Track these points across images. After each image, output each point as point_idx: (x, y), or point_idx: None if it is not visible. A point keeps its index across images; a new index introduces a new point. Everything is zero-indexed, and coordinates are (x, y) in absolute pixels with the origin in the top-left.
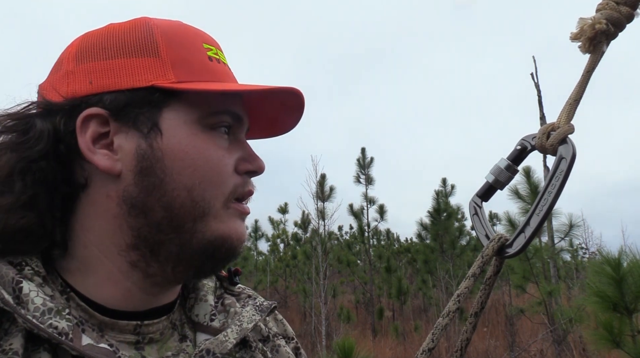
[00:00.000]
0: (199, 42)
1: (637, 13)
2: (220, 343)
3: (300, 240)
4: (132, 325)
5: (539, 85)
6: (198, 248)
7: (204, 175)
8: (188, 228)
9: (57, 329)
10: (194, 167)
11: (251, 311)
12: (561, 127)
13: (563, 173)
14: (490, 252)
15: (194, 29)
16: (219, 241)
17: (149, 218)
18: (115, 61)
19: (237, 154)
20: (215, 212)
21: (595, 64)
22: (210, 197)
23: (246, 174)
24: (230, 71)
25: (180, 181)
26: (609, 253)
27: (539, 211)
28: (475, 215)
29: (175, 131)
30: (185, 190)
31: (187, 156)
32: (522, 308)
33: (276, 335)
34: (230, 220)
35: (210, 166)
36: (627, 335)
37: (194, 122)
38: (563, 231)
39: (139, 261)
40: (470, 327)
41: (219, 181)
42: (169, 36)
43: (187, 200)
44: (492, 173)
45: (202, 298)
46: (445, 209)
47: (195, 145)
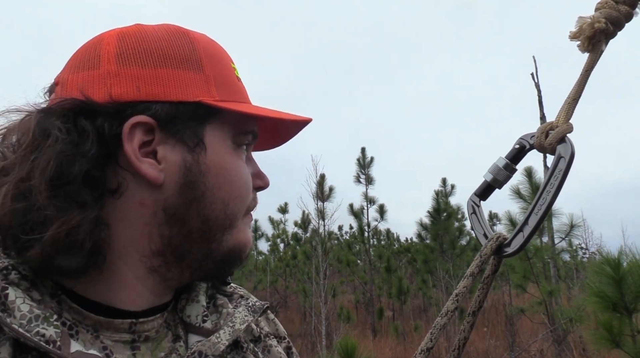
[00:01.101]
0: (229, 61)
1: (636, 12)
2: (212, 345)
3: (300, 239)
4: (127, 324)
5: (539, 85)
6: (219, 255)
7: (238, 190)
8: (217, 238)
9: (44, 337)
10: (230, 183)
11: (244, 312)
12: (560, 126)
13: (562, 172)
14: (488, 251)
15: (221, 46)
16: (237, 248)
17: (185, 228)
18: (162, 70)
19: (252, 171)
20: (237, 223)
21: (594, 63)
22: (239, 210)
23: (256, 189)
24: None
25: (219, 195)
26: (608, 253)
27: (538, 211)
28: (473, 214)
29: (216, 147)
30: (222, 204)
31: (226, 172)
32: (522, 308)
33: (268, 335)
34: (245, 229)
35: (242, 182)
36: (626, 335)
37: (230, 140)
38: (563, 231)
39: (160, 267)
40: (468, 326)
41: (246, 196)
42: (208, 51)
43: (222, 213)
44: (491, 171)
45: (193, 299)
46: (445, 209)
47: (232, 162)
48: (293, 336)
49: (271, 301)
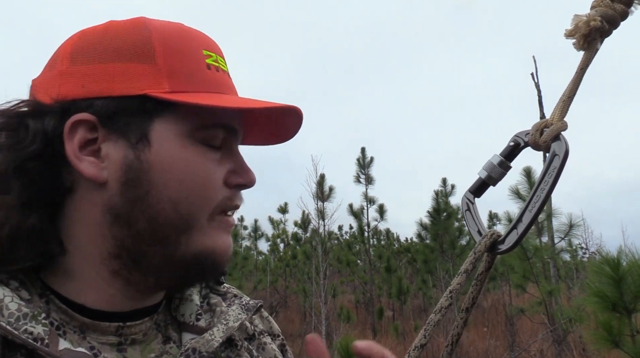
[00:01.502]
0: (199, 48)
1: (631, 11)
2: (206, 342)
3: (300, 239)
4: (114, 327)
5: (539, 85)
6: (181, 261)
7: (190, 189)
8: (172, 241)
9: (32, 335)
10: (180, 181)
11: (237, 310)
12: (554, 124)
13: (556, 169)
14: (482, 248)
15: (196, 32)
16: (203, 255)
17: (133, 229)
18: (110, 65)
19: (228, 167)
20: (200, 226)
21: (589, 61)
22: (196, 211)
23: (236, 188)
24: (229, 78)
25: (166, 194)
26: (608, 253)
27: (532, 208)
28: (467, 211)
29: (164, 143)
30: (171, 203)
31: (174, 169)
32: (522, 308)
33: (262, 333)
34: (215, 234)
35: (197, 180)
36: (626, 335)
37: (185, 135)
38: (563, 231)
39: (121, 270)
40: (461, 322)
41: (206, 195)
42: (167, 41)
43: (172, 213)
44: (485, 168)
45: (187, 298)
46: (445, 209)
47: (183, 158)
48: (293, 336)
49: (271, 301)
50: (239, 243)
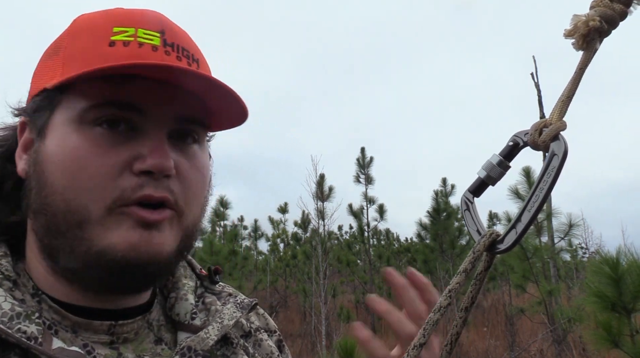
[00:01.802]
0: (107, 28)
1: (630, 11)
2: (201, 341)
3: (300, 239)
4: (106, 325)
5: (539, 85)
6: (88, 258)
7: (75, 178)
8: (73, 235)
9: (25, 333)
10: (64, 170)
11: (232, 309)
12: (553, 124)
13: (555, 169)
14: (481, 248)
15: (117, 13)
16: (107, 252)
17: (39, 222)
18: (45, 63)
19: (132, 152)
20: (97, 219)
21: (588, 61)
22: (87, 202)
23: (144, 175)
24: (154, 50)
25: (57, 184)
26: (607, 253)
27: (531, 208)
28: (466, 210)
29: (55, 132)
30: (59, 194)
31: (58, 158)
32: (522, 308)
33: (258, 329)
34: (119, 228)
35: (79, 168)
36: (625, 335)
37: (73, 120)
38: (563, 231)
39: (54, 267)
40: (460, 322)
41: (94, 185)
42: (75, 30)
43: (62, 205)
44: (484, 168)
45: (182, 298)
46: (445, 209)
47: (67, 146)
48: (293, 336)
49: (271, 301)
50: (239, 243)
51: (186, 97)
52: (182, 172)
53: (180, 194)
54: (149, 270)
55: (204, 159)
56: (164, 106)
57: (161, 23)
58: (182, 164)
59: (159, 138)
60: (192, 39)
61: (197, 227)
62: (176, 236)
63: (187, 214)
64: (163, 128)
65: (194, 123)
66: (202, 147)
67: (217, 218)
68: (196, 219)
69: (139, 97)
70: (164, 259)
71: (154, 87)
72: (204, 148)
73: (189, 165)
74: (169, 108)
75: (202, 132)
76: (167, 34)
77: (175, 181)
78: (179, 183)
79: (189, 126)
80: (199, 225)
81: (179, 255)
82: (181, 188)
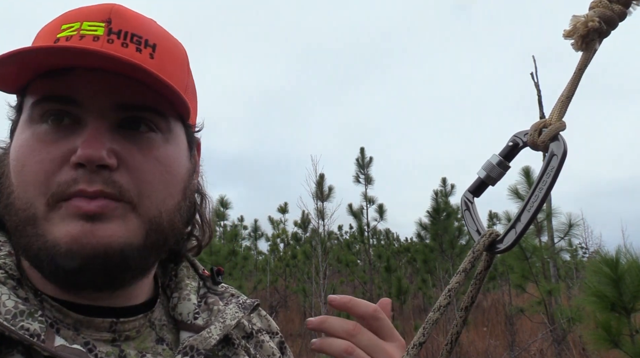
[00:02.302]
0: (55, 27)
1: (629, 11)
2: (203, 340)
3: (300, 239)
4: (108, 323)
5: (539, 85)
6: (42, 254)
7: (21, 175)
8: (27, 233)
9: (28, 331)
10: (14, 168)
11: (234, 309)
12: (553, 124)
13: (554, 169)
14: (481, 247)
15: (69, 11)
16: (53, 245)
17: (9, 222)
18: None
19: (70, 145)
20: (42, 214)
21: (588, 62)
22: (33, 198)
23: (80, 168)
24: (95, 41)
25: (13, 183)
26: (607, 253)
27: (530, 208)
28: (466, 210)
29: (16, 133)
30: (14, 193)
31: (12, 158)
32: (522, 307)
33: (260, 331)
34: (60, 222)
35: (24, 164)
36: (625, 335)
37: (25, 120)
38: (562, 230)
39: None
40: (460, 321)
41: (35, 180)
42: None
43: (17, 202)
44: (484, 168)
45: (185, 298)
46: (445, 209)
47: (17, 145)
48: (293, 336)
49: (271, 301)
50: (239, 243)
51: (129, 84)
52: (131, 163)
53: (127, 186)
54: (98, 262)
55: (167, 150)
56: (101, 96)
57: (109, 12)
58: (131, 155)
59: (94, 128)
60: (153, 25)
61: (169, 220)
62: (136, 229)
63: (146, 205)
64: (103, 118)
65: (143, 110)
66: (168, 137)
67: (217, 218)
68: (165, 211)
69: (75, 89)
70: (115, 252)
71: (91, 76)
72: (170, 139)
73: (142, 156)
74: (107, 97)
75: (162, 120)
76: (114, 23)
77: (121, 173)
78: (127, 174)
79: (138, 114)
80: (174, 219)
81: (148, 249)
82: (130, 179)
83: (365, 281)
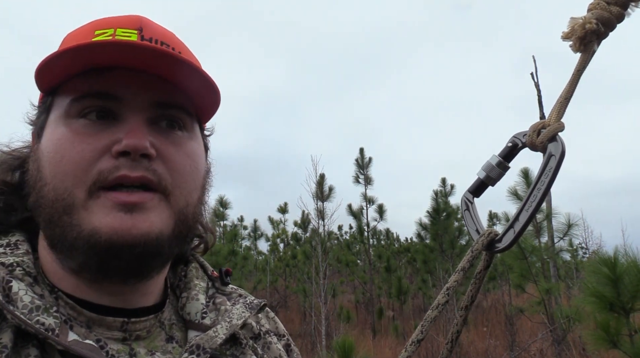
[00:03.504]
0: (88, 32)
1: (627, 13)
2: (210, 339)
3: (300, 239)
4: (119, 322)
5: (539, 85)
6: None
7: (58, 165)
8: (63, 223)
9: (44, 325)
10: (50, 160)
11: (241, 309)
12: (551, 125)
13: (552, 170)
14: (479, 247)
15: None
16: (91, 235)
17: (40, 215)
18: None
19: (112, 137)
20: (81, 203)
21: (586, 63)
22: (72, 187)
23: (122, 157)
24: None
25: (46, 176)
26: (605, 253)
27: (528, 207)
28: (466, 210)
29: (47, 130)
30: (49, 184)
31: (47, 151)
32: (522, 307)
33: (267, 332)
34: (100, 211)
35: (63, 155)
36: (624, 335)
37: (60, 116)
38: (562, 230)
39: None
40: (460, 320)
41: (76, 169)
42: (66, 39)
43: (52, 194)
44: (484, 169)
45: (193, 298)
46: (445, 209)
47: (53, 138)
48: (293, 336)
49: (271, 301)
50: (239, 243)
51: (163, 83)
52: (166, 155)
53: (164, 174)
54: (136, 251)
55: (194, 146)
56: (140, 93)
57: (139, 22)
58: (166, 147)
59: (135, 121)
60: (175, 36)
61: (193, 213)
62: (167, 219)
63: (177, 196)
64: (141, 113)
65: (175, 108)
66: (192, 135)
67: (217, 218)
68: (190, 204)
69: (115, 86)
70: (152, 241)
71: (131, 75)
72: (194, 137)
73: (175, 150)
74: (145, 94)
75: (188, 119)
76: (145, 31)
77: (158, 163)
78: (163, 164)
79: (169, 112)
80: (196, 212)
81: (175, 239)
82: (165, 169)
83: (365, 281)
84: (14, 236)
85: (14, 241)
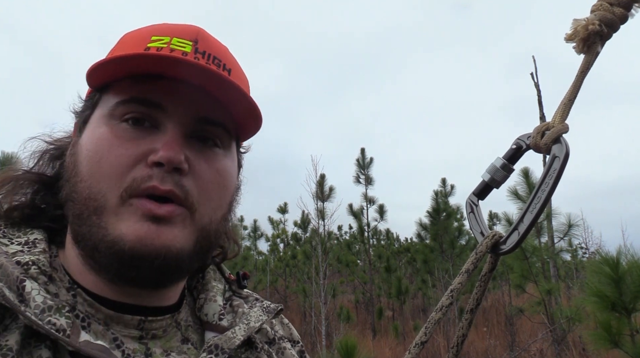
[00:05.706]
0: (146, 37)
1: (631, 14)
2: (228, 340)
3: (300, 239)
4: (137, 320)
5: (539, 85)
6: (102, 245)
7: (96, 165)
8: (91, 222)
9: (55, 326)
10: (88, 158)
11: (258, 312)
12: (555, 126)
13: (556, 171)
14: (484, 249)
15: (159, 25)
16: (116, 240)
17: (70, 209)
18: None
19: (149, 145)
20: (112, 207)
21: (590, 65)
22: (106, 190)
23: (156, 167)
24: (184, 56)
25: (82, 172)
26: (607, 253)
27: (532, 209)
28: (471, 213)
29: (92, 126)
30: (84, 181)
31: (87, 148)
32: (522, 308)
33: (282, 338)
34: (127, 218)
35: (101, 156)
36: (625, 335)
37: (104, 115)
38: (562, 231)
39: (80, 253)
40: (466, 323)
41: (112, 173)
42: (121, 40)
43: (85, 191)
44: (488, 171)
45: (211, 299)
46: (445, 209)
47: (95, 136)
48: None
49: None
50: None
51: (208, 99)
52: (197, 171)
53: (192, 191)
54: (156, 264)
55: (227, 165)
56: (184, 105)
57: (197, 34)
58: (198, 164)
59: (174, 134)
60: (229, 52)
61: (215, 230)
62: (190, 235)
63: (201, 213)
64: (181, 126)
65: (215, 125)
66: (228, 153)
67: None
68: (214, 221)
69: (162, 95)
70: (173, 255)
71: (178, 87)
72: (229, 155)
73: (207, 166)
74: (189, 108)
75: (226, 137)
76: (200, 44)
77: (189, 178)
78: (193, 180)
79: (209, 128)
80: (219, 230)
81: (195, 255)
82: (194, 185)
83: (365, 282)
84: (33, 235)
85: (32, 239)
